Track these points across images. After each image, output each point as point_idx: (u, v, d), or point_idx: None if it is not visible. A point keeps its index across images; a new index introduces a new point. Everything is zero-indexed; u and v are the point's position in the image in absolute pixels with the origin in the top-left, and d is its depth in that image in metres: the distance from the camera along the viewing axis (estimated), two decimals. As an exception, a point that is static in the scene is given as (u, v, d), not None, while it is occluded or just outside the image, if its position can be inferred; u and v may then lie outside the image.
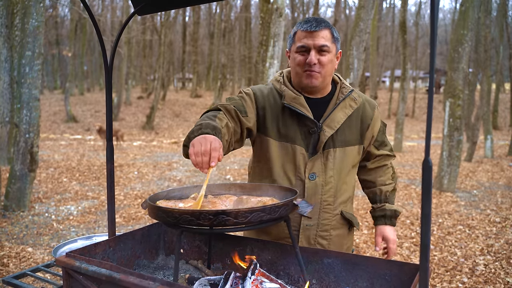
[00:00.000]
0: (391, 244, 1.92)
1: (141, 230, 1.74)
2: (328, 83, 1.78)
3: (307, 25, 1.68)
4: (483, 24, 11.72)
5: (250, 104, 1.76)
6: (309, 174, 1.75)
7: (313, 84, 1.72)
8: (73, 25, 25.76)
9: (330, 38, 1.70)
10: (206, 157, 1.35)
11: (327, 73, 1.72)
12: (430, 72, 0.94)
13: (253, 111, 1.75)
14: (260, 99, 1.78)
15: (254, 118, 1.76)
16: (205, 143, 1.36)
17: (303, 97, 1.75)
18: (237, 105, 1.72)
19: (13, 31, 7.44)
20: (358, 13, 7.77)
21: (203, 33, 39.30)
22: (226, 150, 1.60)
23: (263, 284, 1.38)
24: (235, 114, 1.69)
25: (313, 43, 1.67)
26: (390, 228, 1.93)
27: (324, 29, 1.68)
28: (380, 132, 1.89)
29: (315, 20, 1.69)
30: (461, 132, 7.87)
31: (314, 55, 1.67)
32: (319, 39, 1.67)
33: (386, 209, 1.92)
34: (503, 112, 26.75)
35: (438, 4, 0.90)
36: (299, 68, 1.72)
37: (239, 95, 1.80)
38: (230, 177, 9.04)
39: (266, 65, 10.02)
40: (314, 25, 1.67)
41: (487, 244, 4.97)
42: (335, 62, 1.75)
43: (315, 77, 1.70)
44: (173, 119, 23.56)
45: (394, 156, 2.00)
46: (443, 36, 36.96)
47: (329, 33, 1.70)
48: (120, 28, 1.67)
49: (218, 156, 1.34)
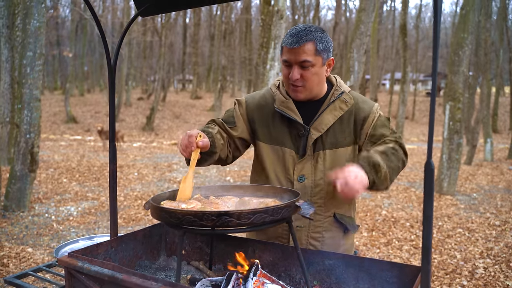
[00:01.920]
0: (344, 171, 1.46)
1: (142, 230, 1.74)
2: (318, 92, 1.79)
3: (289, 41, 1.68)
4: (483, 27, 11.75)
5: (241, 113, 1.87)
6: (298, 176, 1.78)
7: (298, 98, 1.77)
8: (73, 26, 25.79)
9: (313, 51, 1.67)
10: (187, 145, 1.58)
11: (313, 85, 1.74)
12: (432, 76, 0.94)
13: (242, 119, 1.86)
14: (251, 106, 1.87)
15: (245, 126, 1.86)
16: (185, 138, 1.60)
17: (293, 100, 1.80)
18: (227, 117, 1.88)
19: (15, 31, 7.45)
20: (359, 15, 7.79)
21: (204, 35, 39.32)
22: (226, 152, 1.80)
23: (264, 285, 1.38)
24: (223, 126, 1.84)
25: (294, 59, 1.69)
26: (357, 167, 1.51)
27: (307, 44, 1.65)
28: (377, 126, 1.77)
29: (297, 34, 1.66)
30: (461, 135, 7.88)
31: (296, 70, 1.69)
32: (300, 55, 1.67)
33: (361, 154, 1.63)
34: (503, 116, 26.76)
35: (441, 8, 0.91)
36: (285, 80, 1.78)
37: (234, 105, 1.92)
38: (230, 179, 9.04)
39: (266, 67, 10.03)
40: (295, 41, 1.66)
41: (487, 247, 4.97)
42: (323, 72, 1.74)
43: (299, 91, 1.75)
44: (173, 121, 23.56)
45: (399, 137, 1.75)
46: (443, 39, 36.99)
47: (312, 46, 1.66)
48: (124, 29, 1.68)
49: (194, 140, 1.56)
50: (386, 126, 1.77)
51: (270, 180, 1.83)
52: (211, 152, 1.69)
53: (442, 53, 35.77)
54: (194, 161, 1.58)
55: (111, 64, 1.68)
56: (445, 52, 34.86)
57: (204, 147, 1.60)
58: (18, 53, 7.03)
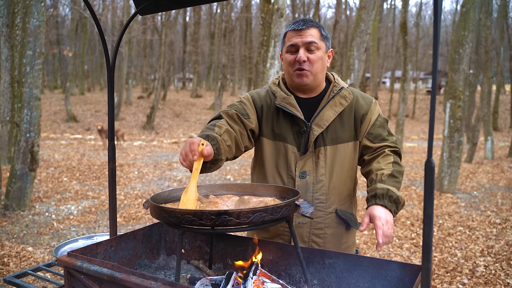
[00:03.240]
0: (378, 221, 1.56)
1: (142, 230, 1.74)
2: (320, 81, 1.81)
3: (295, 25, 1.74)
4: (483, 25, 11.72)
5: (250, 107, 1.84)
6: (300, 172, 1.78)
7: (304, 82, 1.76)
8: (73, 25, 25.74)
9: (319, 36, 1.74)
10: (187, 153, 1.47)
11: (318, 70, 1.75)
12: (433, 74, 0.94)
13: (253, 113, 1.83)
14: (257, 101, 1.86)
15: (256, 120, 1.83)
16: (186, 146, 1.48)
17: (294, 97, 1.80)
18: (238, 109, 1.81)
19: (14, 30, 7.44)
20: (359, 14, 7.78)
21: (204, 33, 39.31)
22: (234, 151, 1.74)
23: (264, 284, 1.38)
24: (238, 117, 1.78)
25: (301, 41, 1.72)
26: (381, 207, 1.61)
27: (312, 28, 1.73)
28: (375, 126, 1.81)
29: (303, 20, 1.74)
30: (461, 133, 7.87)
31: (303, 52, 1.72)
32: (307, 36, 1.71)
33: (377, 187, 1.66)
34: (504, 114, 26.75)
35: (441, 6, 0.90)
36: (290, 68, 1.77)
37: (239, 101, 1.88)
38: (231, 177, 9.04)
39: (266, 65, 10.02)
40: (302, 23, 1.73)
41: (487, 246, 4.96)
42: (325, 60, 1.78)
43: (306, 75, 1.74)
44: (173, 119, 23.56)
45: (397, 147, 1.83)
46: (443, 37, 36.96)
47: (317, 31, 1.74)
48: (122, 28, 1.67)
49: (196, 148, 1.44)
50: (384, 127, 1.84)
51: (271, 176, 1.82)
52: (215, 160, 1.60)
53: (442, 51, 35.74)
54: (197, 171, 1.44)
55: (110, 63, 1.67)
56: (446, 50, 34.84)
57: (208, 156, 1.47)
58: (18, 52, 7.02)
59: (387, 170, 1.72)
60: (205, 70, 40.26)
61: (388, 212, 1.60)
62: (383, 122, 1.84)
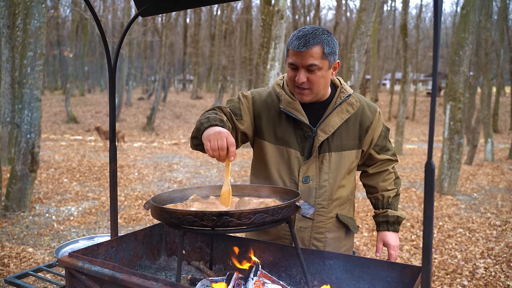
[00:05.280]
0: (392, 250, 1.89)
1: (143, 230, 1.74)
2: (323, 94, 1.78)
3: (296, 44, 1.64)
4: (484, 27, 11.73)
5: (247, 107, 1.80)
6: (303, 177, 1.77)
7: (303, 100, 1.75)
8: (74, 26, 25.80)
9: (321, 54, 1.64)
10: (223, 151, 1.44)
11: (319, 88, 1.71)
12: (433, 75, 0.94)
13: (248, 114, 1.80)
14: (257, 103, 1.82)
15: (250, 122, 1.80)
16: (221, 138, 1.44)
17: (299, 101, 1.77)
18: (234, 108, 1.79)
19: (15, 31, 7.45)
20: (359, 15, 7.79)
21: (204, 35, 39.35)
22: None
23: (265, 285, 1.38)
24: (230, 116, 1.76)
25: (301, 63, 1.65)
26: (392, 234, 1.90)
27: (314, 47, 1.62)
28: (381, 136, 1.87)
29: (304, 37, 1.63)
30: (461, 135, 7.87)
31: (302, 74, 1.66)
32: (307, 58, 1.63)
33: (389, 215, 1.90)
34: (504, 116, 26.75)
35: (441, 8, 0.91)
36: (291, 83, 1.75)
37: (238, 98, 1.84)
38: (231, 179, 9.04)
39: (267, 67, 10.04)
40: (302, 44, 1.62)
41: (488, 247, 4.96)
42: (329, 75, 1.73)
43: (305, 94, 1.72)
44: (173, 121, 23.57)
45: (397, 160, 1.96)
46: (443, 39, 37.00)
47: (319, 49, 1.64)
48: (124, 29, 1.68)
49: (225, 146, 1.42)
50: (386, 137, 1.92)
51: (273, 180, 1.81)
52: None
53: (442, 53, 35.76)
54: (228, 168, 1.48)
55: (112, 64, 1.68)
56: (446, 52, 34.85)
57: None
58: (19, 53, 7.02)
59: (392, 192, 1.93)
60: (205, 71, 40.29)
61: (397, 236, 1.93)
62: (386, 132, 1.91)
